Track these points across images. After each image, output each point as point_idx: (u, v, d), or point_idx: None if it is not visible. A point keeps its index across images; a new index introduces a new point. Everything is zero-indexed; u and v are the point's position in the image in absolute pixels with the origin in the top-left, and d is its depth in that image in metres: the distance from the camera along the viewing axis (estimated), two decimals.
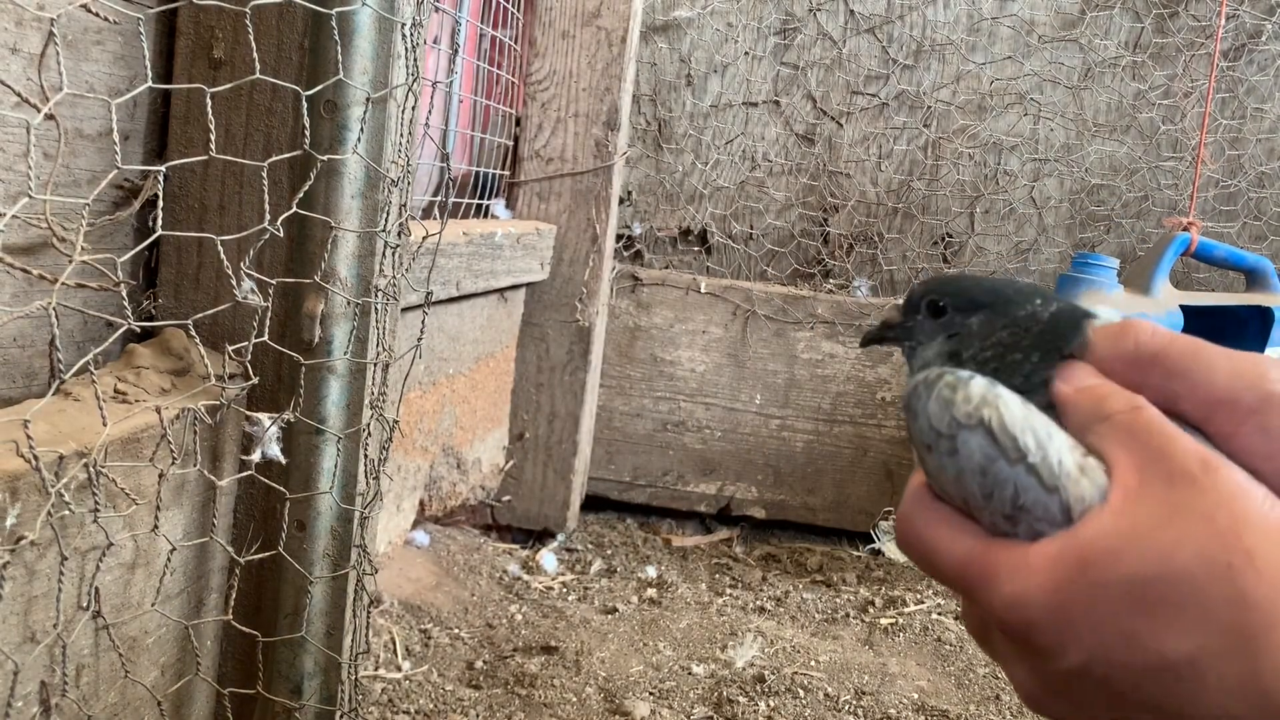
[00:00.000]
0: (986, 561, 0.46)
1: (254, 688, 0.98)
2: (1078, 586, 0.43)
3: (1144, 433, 0.45)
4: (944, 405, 0.47)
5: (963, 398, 0.47)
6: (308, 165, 0.89)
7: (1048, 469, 0.45)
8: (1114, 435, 0.46)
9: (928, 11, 2.50)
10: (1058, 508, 0.45)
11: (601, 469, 2.47)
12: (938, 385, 0.48)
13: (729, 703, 1.63)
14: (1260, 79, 2.49)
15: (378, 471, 1.02)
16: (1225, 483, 0.43)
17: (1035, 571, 0.44)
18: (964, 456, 0.46)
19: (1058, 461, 0.45)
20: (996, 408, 0.46)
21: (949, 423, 0.47)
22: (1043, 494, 0.45)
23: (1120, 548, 0.43)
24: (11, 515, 0.68)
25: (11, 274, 0.83)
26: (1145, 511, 0.43)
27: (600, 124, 2.17)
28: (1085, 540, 0.44)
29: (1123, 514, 0.43)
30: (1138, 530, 0.43)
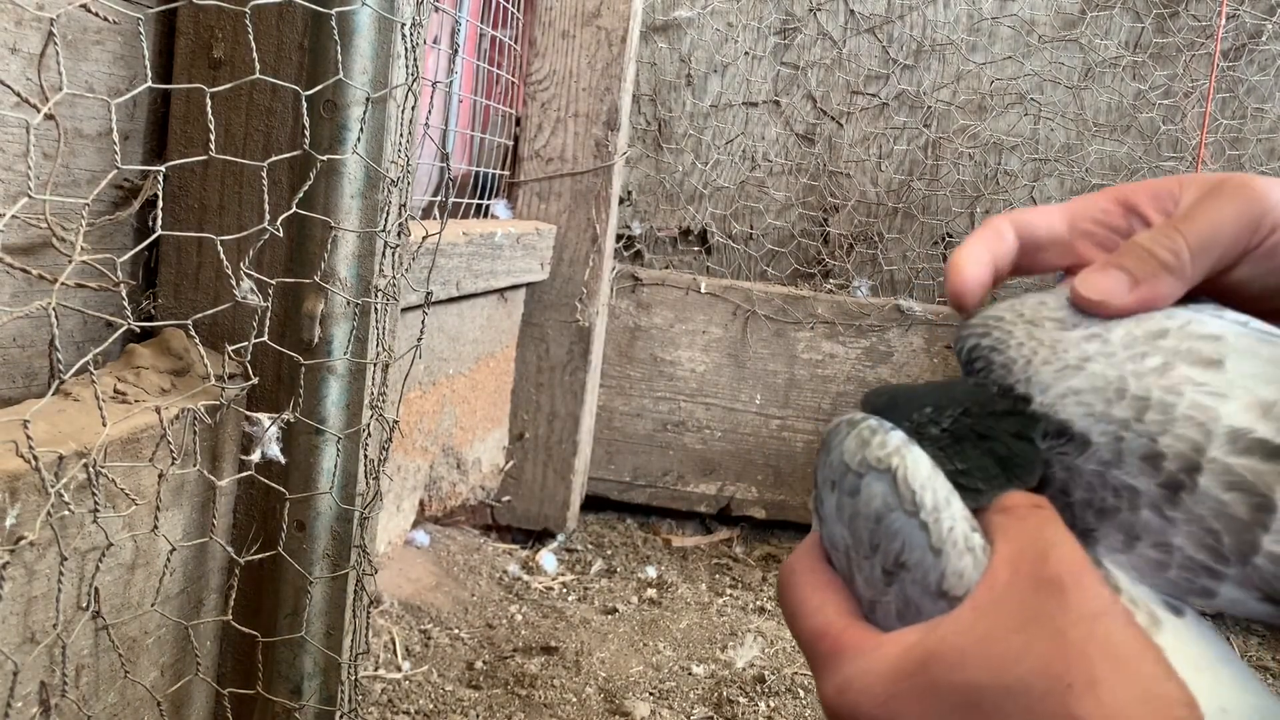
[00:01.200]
0: (839, 640, 0.45)
1: (254, 688, 0.98)
2: (914, 684, 0.42)
3: (1032, 531, 0.44)
4: (860, 444, 0.48)
5: (879, 442, 0.48)
6: (307, 165, 0.89)
7: (938, 530, 0.45)
8: (1005, 525, 0.45)
9: (928, 11, 2.50)
10: (935, 575, 0.44)
11: (601, 469, 2.47)
12: (860, 426, 0.49)
13: (729, 703, 1.63)
14: (1261, 79, 2.49)
15: (378, 472, 1.02)
16: (1092, 600, 0.40)
17: (879, 659, 0.43)
18: (864, 499, 0.47)
19: (949, 527, 0.45)
20: (905, 459, 0.47)
21: (860, 461, 0.48)
22: (928, 554, 0.45)
23: (966, 651, 0.41)
24: (11, 515, 0.68)
25: (11, 274, 0.83)
26: (1003, 614, 0.41)
27: (600, 124, 2.17)
28: (938, 636, 0.42)
29: (980, 614, 0.42)
30: (989, 635, 0.41)
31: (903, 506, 0.46)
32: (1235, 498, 0.45)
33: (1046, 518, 0.45)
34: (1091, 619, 0.40)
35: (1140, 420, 0.47)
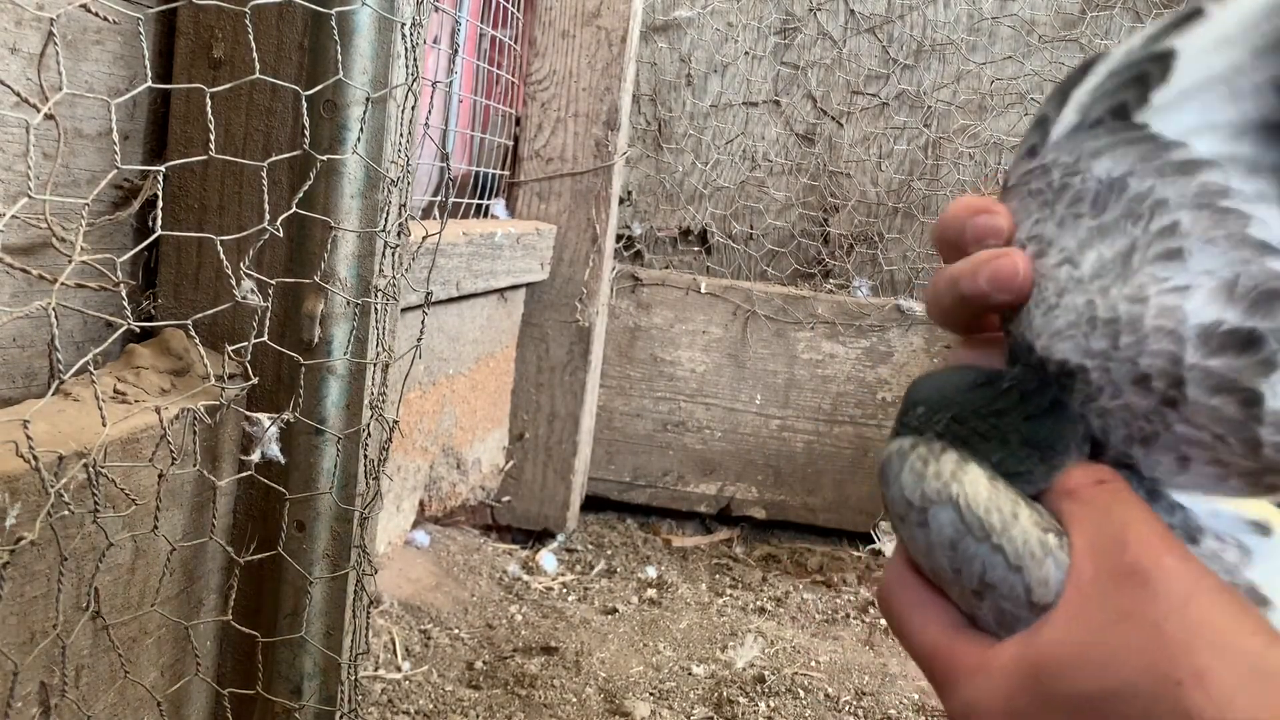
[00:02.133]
0: (950, 656, 0.46)
1: (253, 688, 0.98)
2: (1030, 699, 0.42)
3: (1101, 513, 0.44)
4: (916, 478, 0.48)
5: (933, 473, 0.47)
6: (307, 165, 0.89)
7: (1012, 549, 0.45)
8: (1074, 513, 0.45)
9: (928, 11, 2.50)
10: (1021, 589, 0.44)
11: (601, 469, 2.47)
12: (910, 457, 0.48)
13: (729, 703, 1.63)
14: None
15: (377, 472, 1.02)
16: (1179, 582, 0.40)
17: (992, 677, 0.43)
18: (934, 530, 0.46)
19: (1022, 542, 0.45)
20: (964, 485, 0.46)
21: (921, 496, 0.47)
22: (1009, 573, 0.45)
23: (1070, 658, 0.41)
24: (11, 515, 0.68)
25: (11, 274, 0.83)
26: (1095, 615, 0.41)
27: (600, 124, 2.17)
28: (1039, 648, 0.42)
29: (1075, 618, 0.42)
30: (1087, 639, 0.41)
31: (972, 534, 0.45)
32: (1222, 400, 0.45)
33: (1113, 493, 0.45)
34: (1183, 605, 0.40)
35: (1117, 346, 0.47)
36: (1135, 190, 0.49)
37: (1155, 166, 0.50)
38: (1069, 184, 0.52)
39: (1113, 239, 0.49)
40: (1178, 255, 0.47)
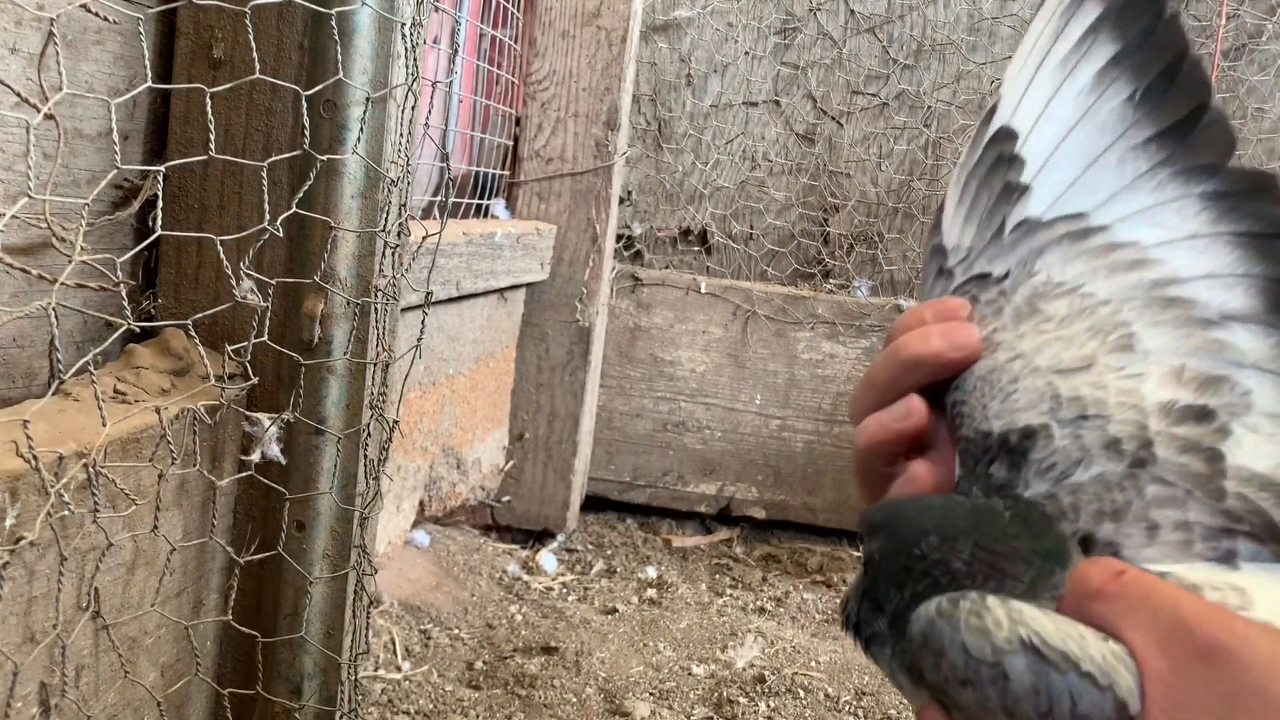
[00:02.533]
0: None
1: (253, 688, 0.98)
2: None
3: (1144, 603, 0.43)
4: (980, 634, 0.46)
5: (993, 622, 0.45)
6: (307, 165, 0.89)
7: (1098, 669, 0.43)
8: (1115, 613, 0.43)
9: (928, 11, 2.50)
10: (1113, 706, 0.43)
11: (601, 469, 2.47)
12: (960, 616, 0.46)
13: (729, 703, 1.63)
14: (1261, 79, 2.49)
15: (377, 472, 1.02)
16: (1262, 645, 0.40)
17: None
18: (1015, 682, 0.45)
19: (1101, 658, 0.44)
20: (1029, 624, 0.45)
21: (992, 651, 0.45)
22: (1100, 695, 0.43)
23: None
24: (11, 515, 0.68)
25: (11, 274, 0.83)
26: (1196, 704, 0.40)
27: (600, 124, 2.17)
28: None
29: (1175, 713, 0.40)
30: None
31: (1057, 669, 0.44)
32: (1189, 458, 0.49)
33: (1138, 580, 0.44)
34: (1273, 666, 0.39)
35: (1085, 417, 0.51)
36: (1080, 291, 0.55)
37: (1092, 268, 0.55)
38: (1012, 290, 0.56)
39: (1066, 338, 0.54)
40: (1128, 346, 0.53)
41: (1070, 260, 0.55)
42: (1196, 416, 0.50)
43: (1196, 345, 0.52)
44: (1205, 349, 0.52)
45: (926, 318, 0.54)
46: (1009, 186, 0.56)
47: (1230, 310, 0.53)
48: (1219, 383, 0.51)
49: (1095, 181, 0.56)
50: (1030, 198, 0.56)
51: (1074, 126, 0.56)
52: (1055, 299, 0.55)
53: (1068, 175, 0.56)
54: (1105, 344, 0.53)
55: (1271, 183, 0.53)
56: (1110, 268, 0.55)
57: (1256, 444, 0.50)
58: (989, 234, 0.57)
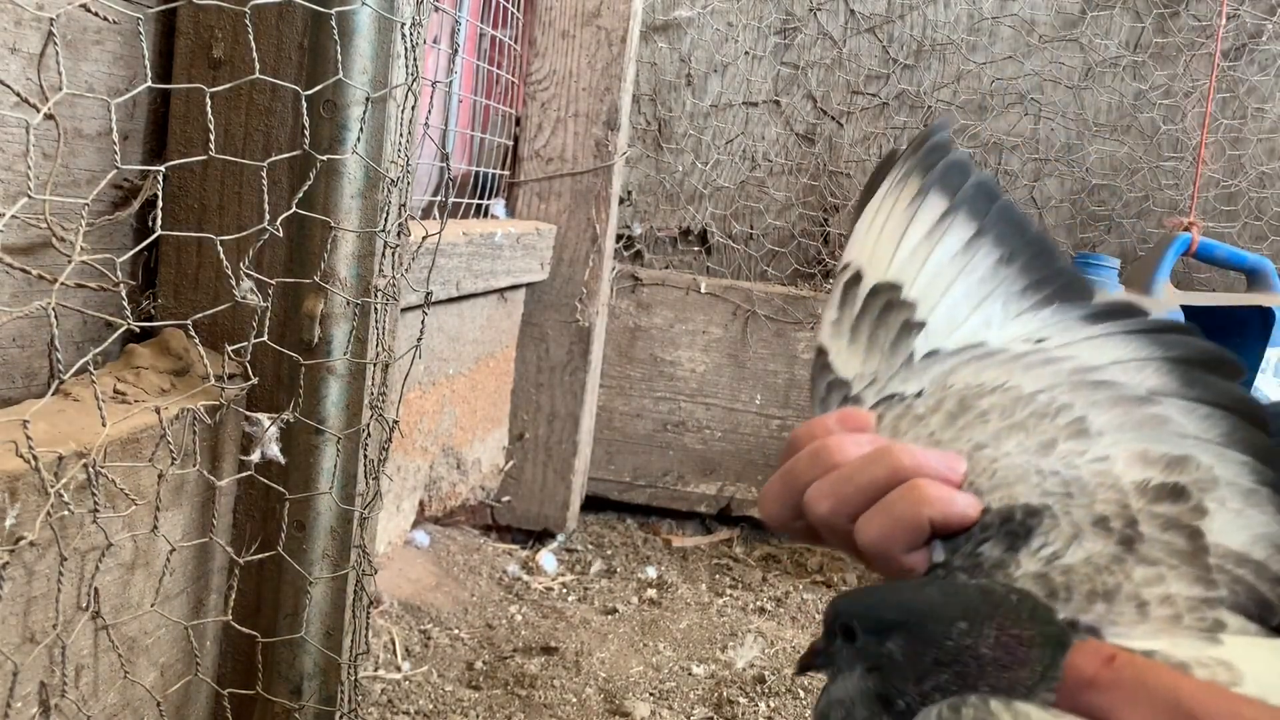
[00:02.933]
0: None
1: (253, 688, 0.98)
2: None
3: (1141, 690, 0.42)
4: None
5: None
6: (307, 165, 0.89)
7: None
8: (1112, 701, 0.43)
9: (928, 11, 2.50)
10: None
11: (601, 469, 2.47)
12: None
13: (729, 703, 1.63)
14: (1261, 79, 2.49)
15: (377, 472, 1.02)
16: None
17: None
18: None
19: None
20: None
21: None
22: None
23: None
24: (11, 515, 0.68)
25: (11, 274, 0.83)
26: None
27: (600, 124, 2.17)
28: None
29: None
30: None
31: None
32: (1172, 535, 0.51)
33: (1130, 665, 0.44)
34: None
35: (1070, 495, 0.53)
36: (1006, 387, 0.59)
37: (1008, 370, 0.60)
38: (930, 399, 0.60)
39: (1017, 424, 0.57)
40: (1083, 430, 0.56)
41: (983, 371, 0.61)
42: (1172, 494, 0.53)
43: (1141, 421, 0.56)
44: (1150, 425, 0.56)
45: (831, 427, 0.58)
46: (908, 324, 0.64)
47: (1154, 387, 0.58)
48: (1184, 461, 0.54)
49: (988, 318, 0.65)
50: (930, 332, 0.64)
51: (955, 279, 0.66)
52: (984, 397, 0.59)
53: (962, 313, 0.65)
54: (1058, 427, 0.56)
55: (1135, 306, 0.63)
56: (1025, 367, 0.60)
57: (1228, 519, 0.52)
58: (898, 362, 0.63)
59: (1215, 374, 0.58)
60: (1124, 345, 0.61)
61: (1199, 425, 0.56)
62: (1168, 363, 0.59)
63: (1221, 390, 0.57)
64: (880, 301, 0.66)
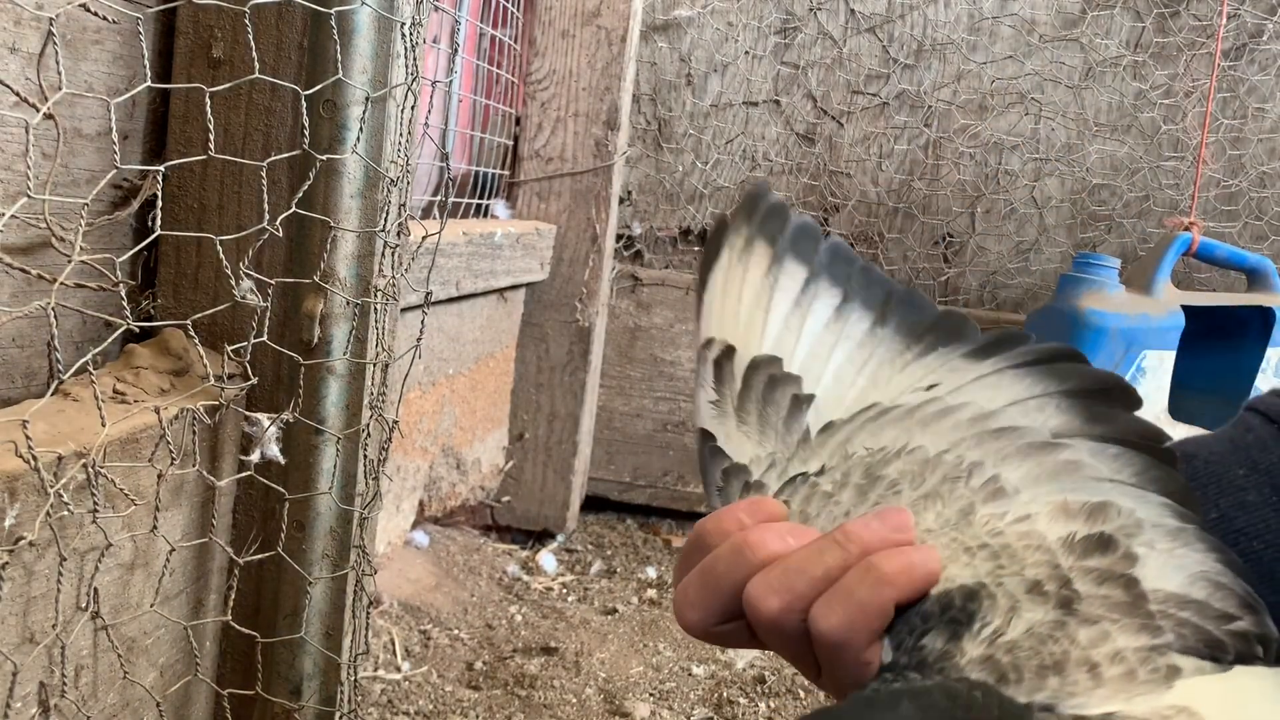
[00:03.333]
0: None
1: (253, 689, 0.98)
2: None
3: None
4: None
5: None
6: (307, 165, 0.88)
7: None
8: None
9: (928, 11, 2.50)
10: None
11: (601, 469, 2.47)
12: None
13: (729, 704, 1.62)
14: (1262, 79, 2.49)
15: (377, 472, 1.02)
16: None
17: None
18: None
19: None
20: None
21: None
22: None
23: None
24: (10, 516, 0.68)
25: (10, 274, 0.83)
26: None
27: (600, 123, 2.17)
28: None
29: None
30: None
31: None
32: (1109, 588, 0.50)
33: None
34: None
35: (1001, 566, 0.52)
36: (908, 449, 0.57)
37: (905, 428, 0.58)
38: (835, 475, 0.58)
39: (931, 494, 0.55)
40: (1000, 490, 0.54)
41: (879, 433, 0.59)
42: (1100, 546, 0.51)
43: (1055, 470, 0.54)
44: (1065, 472, 0.54)
45: (743, 519, 0.55)
46: (797, 398, 0.62)
47: (1057, 428, 0.56)
48: (1105, 509, 0.52)
49: (875, 380, 0.63)
50: (820, 404, 0.62)
51: (835, 346, 0.65)
52: (890, 464, 0.57)
53: (848, 380, 0.63)
54: (973, 490, 0.55)
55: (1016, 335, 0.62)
56: (922, 423, 0.58)
57: (1161, 562, 0.51)
58: (794, 440, 0.61)
59: (1115, 405, 0.57)
60: (1016, 382, 0.59)
61: (1111, 466, 0.55)
62: (1065, 398, 0.57)
63: (1126, 426, 0.56)
64: (763, 377, 0.63)
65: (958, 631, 0.50)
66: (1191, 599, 0.50)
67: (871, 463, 0.58)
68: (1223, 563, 0.52)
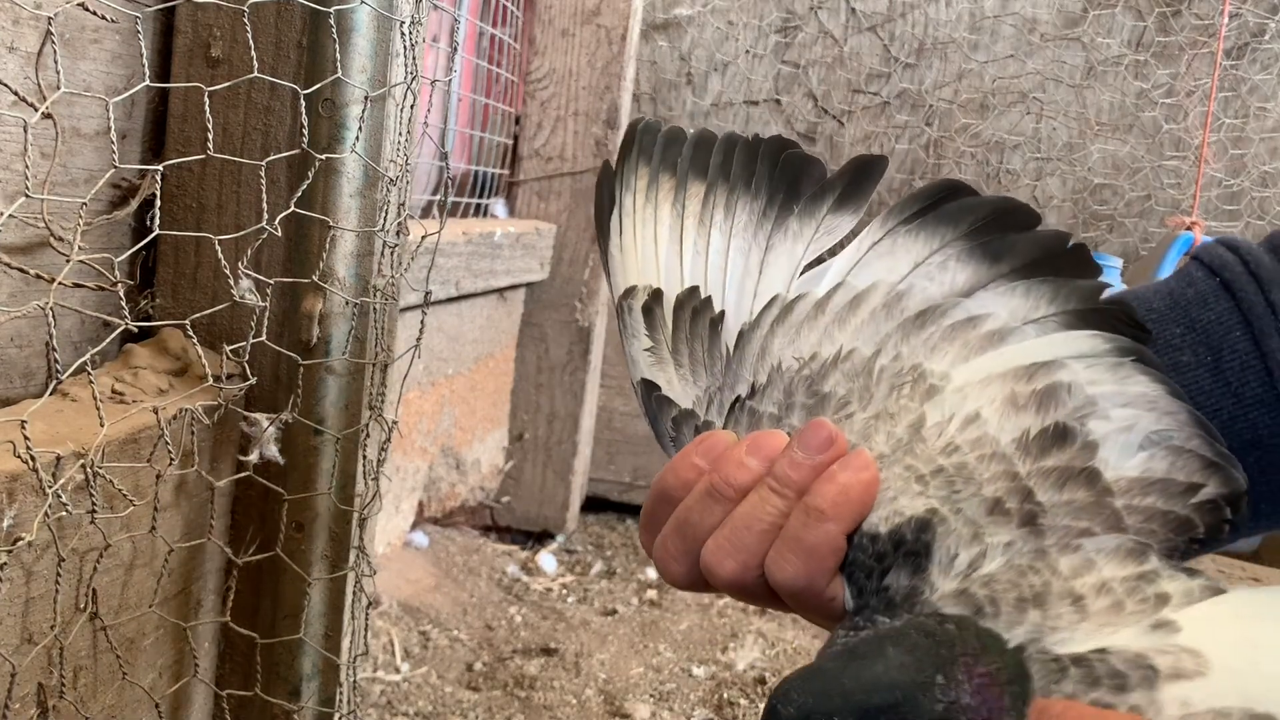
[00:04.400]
0: None
1: (252, 690, 0.98)
2: None
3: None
4: None
5: None
6: (306, 164, 0.88)
7: None
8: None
9: (930, 9, 2.50)
10: None
11: (601, 470, 2.47)
12: None
13: (730, 705, 1.62)
14: (1263, 78, 2.48)
15: (376, 472, 1.02)
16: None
17: None
18: None
19: None
20: None
21: None
22: None
23: None
24: (9, 516, 0.67)
25: (9, 274, 0.83)
26: None
27: (600, 123, 2.17)
28: None
29: None
30: None
31: None
32: (1071, 489, 0.49)
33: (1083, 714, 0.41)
34: None
35: (957, 490, 0.50)
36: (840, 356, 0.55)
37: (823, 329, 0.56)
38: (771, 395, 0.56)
39: (887, 414, 0.53)
40: (935, 388, 0.53)
41: (795, 338, 0.57)
42: (1056, 439, 0.50)
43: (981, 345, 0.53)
44: (991, 344, 0.53)
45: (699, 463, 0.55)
46: (713, 322, 0.60)
47: (963, 285, 0.55)
48: (1054, 392, 0.51)
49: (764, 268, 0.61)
50: (729, 319, 0.60)
51: (728, 248, 0.62)
52: (826, 378, 0.55)
53: (746, 280, 0.61)
54: (918, 396, 0.53)
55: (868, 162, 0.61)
56: (838, 320, 0.57)
57: (1118, 440, 0.49)
58: (719, 368, 0.59)
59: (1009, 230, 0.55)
60: (912, 243, 0.58)
61: (1027, 308, 0.53)
62: (962, 243, 0.56)
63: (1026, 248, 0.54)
64: (687, 313, 0.61)
65: (920, 565, 0.49)
66: (1155, 479, 0.49)
67: (810, 375, 0.56)
68: (1170, 394, 0.50)
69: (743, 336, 0.59)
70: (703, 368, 0.60)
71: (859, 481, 0.50)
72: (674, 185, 0.65)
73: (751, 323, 0.59)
